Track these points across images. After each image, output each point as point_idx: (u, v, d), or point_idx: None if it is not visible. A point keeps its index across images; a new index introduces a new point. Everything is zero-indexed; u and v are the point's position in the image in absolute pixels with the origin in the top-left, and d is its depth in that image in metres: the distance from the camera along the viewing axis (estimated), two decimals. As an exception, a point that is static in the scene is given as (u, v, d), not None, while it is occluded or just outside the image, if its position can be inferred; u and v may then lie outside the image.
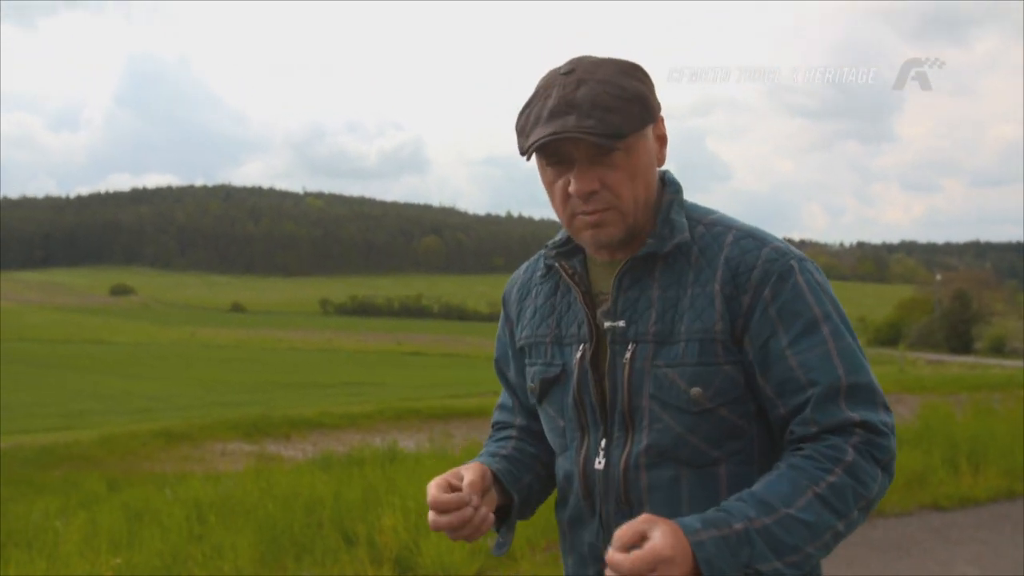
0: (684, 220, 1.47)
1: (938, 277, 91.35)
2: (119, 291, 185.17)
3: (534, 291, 1.62)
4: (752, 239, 1.46)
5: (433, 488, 1.44)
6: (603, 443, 1.49)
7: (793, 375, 1.38)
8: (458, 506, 1.42)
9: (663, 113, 1.48)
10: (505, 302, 1.69)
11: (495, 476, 1.55)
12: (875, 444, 1.35)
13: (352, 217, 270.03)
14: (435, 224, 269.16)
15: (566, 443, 1.55)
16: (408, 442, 12.13)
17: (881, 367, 46.58)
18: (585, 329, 1.51)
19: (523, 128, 1.43)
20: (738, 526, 1.27)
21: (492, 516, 1.48)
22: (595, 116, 1.37)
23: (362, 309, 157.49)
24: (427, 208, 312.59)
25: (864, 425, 1.35)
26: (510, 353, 1.69)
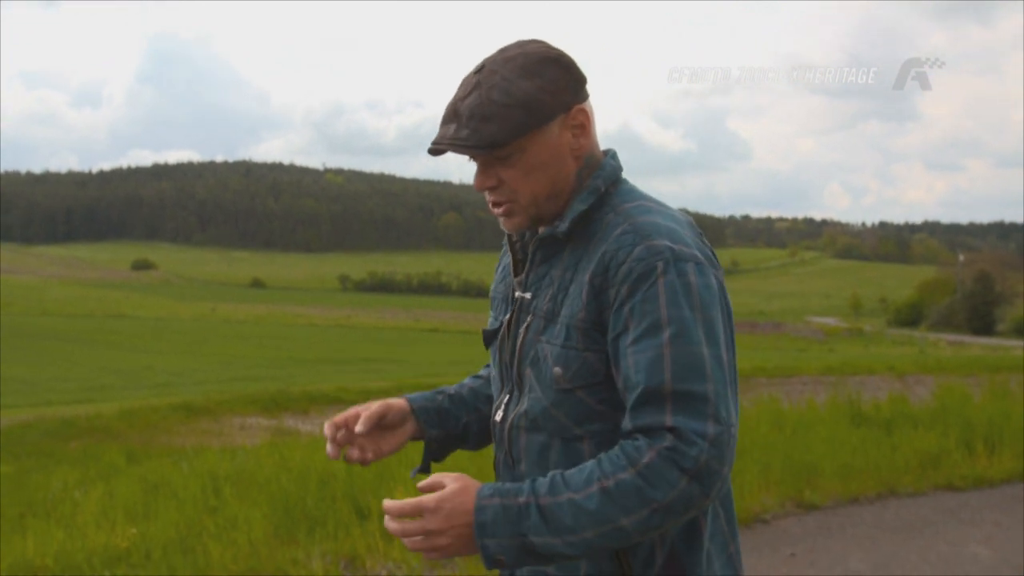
0: (582, 207, 1.53)
1: (961, 258, 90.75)
2: (140, 266, 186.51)
3: (507, 252, 1.74)
4: (635, 234, 1.46)
5: (327, 426, 1.68)
6: (506, 399, 1.64)
7: (629, 374, 1.41)
8: (333, 434, 1.67)
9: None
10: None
11: (414, 412, 1.77)
12: (680, 451, 1.34)
13: (372, 193, 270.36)
14: (455, 201, 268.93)
15: (494, 392, 1.72)
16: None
17: (901, 348, 46.33)
18: (511, 294, 1.66)
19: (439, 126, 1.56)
20: (522, 500, 1.38)
21: (368, 454, 1.69)
22: (470, 127, 1.48)
23: (381, 286, 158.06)
24: (447, 185, 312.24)
25: (674, 431, 1.35)
26: None
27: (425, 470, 1.78)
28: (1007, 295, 74.80)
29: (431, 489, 1.42)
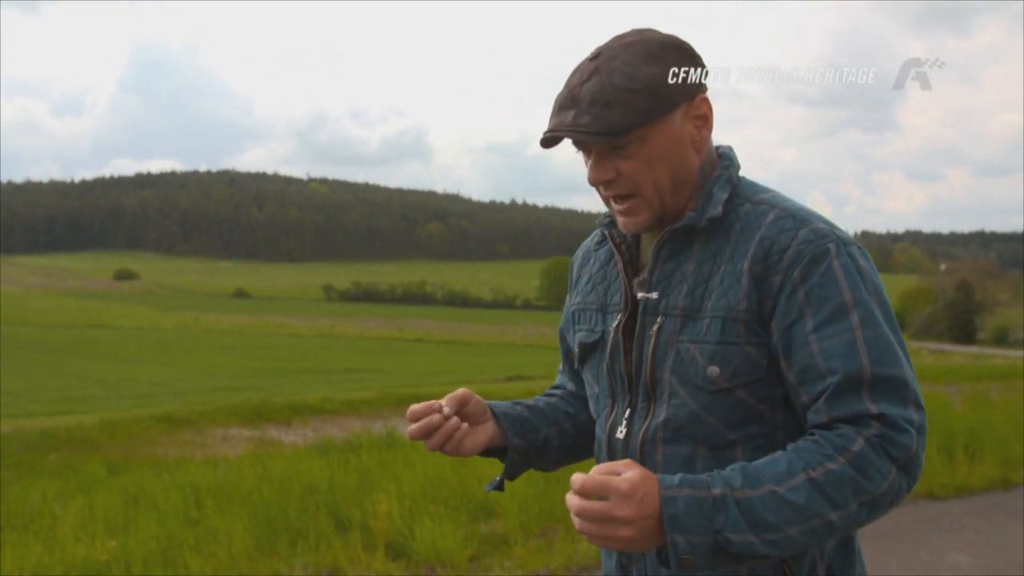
0: (724, 196, 1.44)
1: (942, 267, 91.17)
2: (122, 276, 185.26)
3: (592, 258, 1.65)
4: (793, 219, 1.39)
5: (411, 409, 1.52)
6: (627, 413, 1.49)
7: (814, 362, 1.33)
8: (427, 413, 1.50)
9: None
10: (571, 268, 1.71)
11: (496, 416, 1.61)
12: (891, 439, 1.28)
13: (356, 203, 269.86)
14: (439, 211, 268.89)
15: (599, 410, 1.57)
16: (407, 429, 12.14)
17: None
18: (622, 298, 1.52)
19: (550, 115, 1.45)
20: (717, 491, 1.25)
21: (466, 426, 1.52)
22: (592, 112, 1.37)
23: (365, 296, 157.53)
24: (431, 195, 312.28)
25: (881, 418, 1.28)
26: (570, 319, 1.70)
27: (499, 487, 1.66)
28: (988, 304, 75.21)
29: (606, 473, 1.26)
